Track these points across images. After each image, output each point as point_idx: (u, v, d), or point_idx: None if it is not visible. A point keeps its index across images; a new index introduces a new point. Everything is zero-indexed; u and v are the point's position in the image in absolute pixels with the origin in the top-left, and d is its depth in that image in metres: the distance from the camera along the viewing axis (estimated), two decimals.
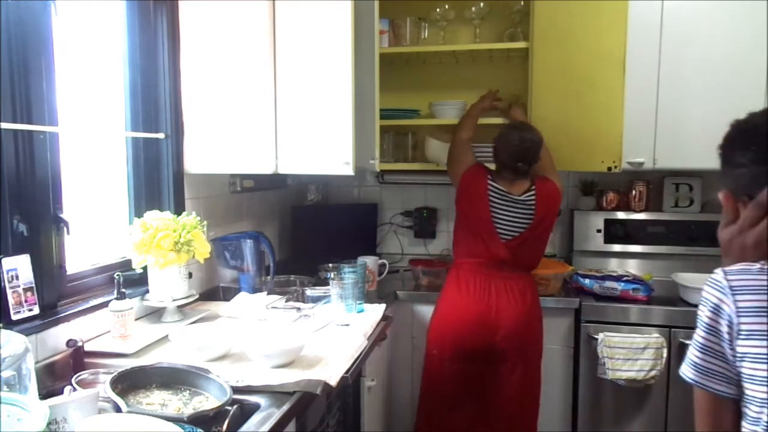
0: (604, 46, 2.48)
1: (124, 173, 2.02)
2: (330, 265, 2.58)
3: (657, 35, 2.58)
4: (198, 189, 2.27)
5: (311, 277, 2.56)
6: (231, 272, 2.34)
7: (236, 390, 1.37)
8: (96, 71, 1.87)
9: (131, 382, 1.35)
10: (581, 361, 2.49)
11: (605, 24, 2.48)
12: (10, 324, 1.41)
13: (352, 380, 1.66)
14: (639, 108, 2.61)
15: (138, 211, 1.99)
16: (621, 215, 2.94)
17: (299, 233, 3.12)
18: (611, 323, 2.45)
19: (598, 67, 2.50)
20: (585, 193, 3.03)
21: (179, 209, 2.10)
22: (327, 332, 1.88)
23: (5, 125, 1.43)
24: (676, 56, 2.58)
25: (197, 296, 1.99)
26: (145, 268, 1.88)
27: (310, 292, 2.22)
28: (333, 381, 1.50)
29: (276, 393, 1.41)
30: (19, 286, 1.45)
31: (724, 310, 0.96)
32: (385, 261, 2.78)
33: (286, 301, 2.19)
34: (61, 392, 1.24)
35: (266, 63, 2.17)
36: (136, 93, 2.00)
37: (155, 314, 1.93)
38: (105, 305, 1.70)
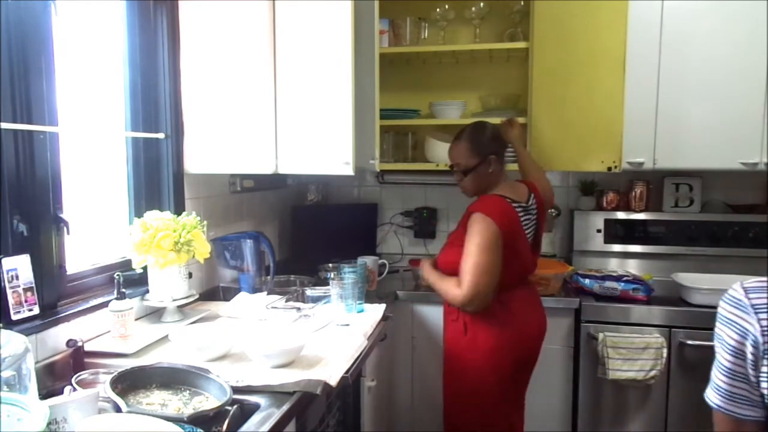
0: (604, 46, 2.48)
1: (124, 173, 2.02)
2: (330, 265, 2.58)
3: (657, 35, 2.58)
4: (198, 189, 2.27)
5: (311, 277, 2.56)
6: (231, 272, 2.34)
7: (236, 390, 1.37)
8: (96, 71, 1.87)
9: (131, 382, 1.35)
10: (581, 361, 2.49)
11: (605, 24, 2.48)
12: (10, 324, 1.41)
13: (352, 380, 1.66)
14: (639, 108, 2.61)
15: (138, 211, 1.99)
16: (621, 215, 2.94)
17: (299, 233, 3.12)
18: (611, 323, 2.45)
19: (598, 67, 2.50)
20: (585, 193, 3.03)
21: (179, 209, 2.10)
22: (327, 332, 1.88)
23: (5, 125, 1.43)
24: (676, 56, 2.58)
25: (197, 296, 1.99)
26: (145, 268, 1.88)
27: (310, 292, 2.22)
28: (333, 381, 1.50)
29: (276, 393, 1.41)
30: (19, 286, 1.45)
31: (749, 331, 0.92)
32: (385, 261, 2.78)
33: (286, 301, 2.20)
34: (61, 392, 1.24)
35: (266, 63, 2.17)
36: (136, 93, 2.00)
37: (155, 314, 1.94)
38: (105, 305, 1.70)
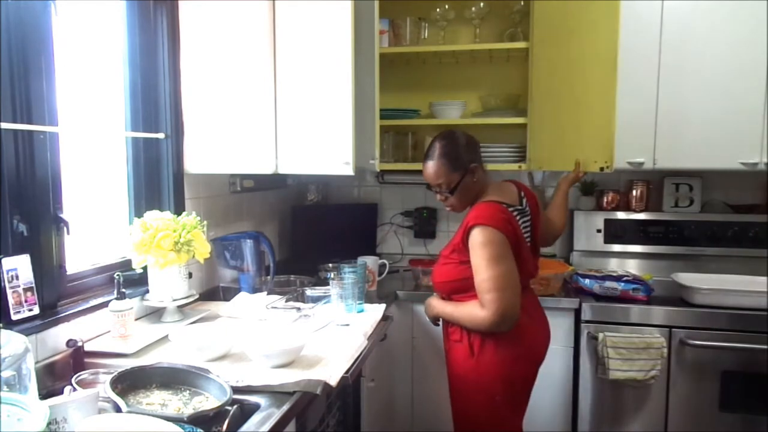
0: (597, 47, 2.46)
1: (124, 173, 2.02)
2: (330, 265, 2.58)
3: (657, 34, 2.58)
4: (198, 189, 2.27)
5: (311, 277, 2.56)
6: (231, 272, 2.34)
7: (236, 390, 1.37)
8: (96, 71, 1.87)
9: (131, 382, 1.35)
10: (581, 361, 2.49)
11: (600, 24, 2.46)
12: (10, 324, 1.41)
13: (352, 380, 1.65)
14: (638, 108, 2.61)
15: (138, 211, 1.99)
16: (621, 215, 2.94)
17: (299, 233, 3.12)
18: (611, 323, 2.44)
19: (593, 68, 2.48)
20: (585, 193, 3.03)
21: (179, 209, 2.10)
22: (327, 332, 1.88)
23: (5, 125, 1.43)
24: (676, 56, 2.58)
25: (197, 296, 1.99)
26: (145, 268, 1.88)
27: (310, 292, 2.22)
28: (333, 381, 1.50)
29: (276, 393, 1.41)
30: (19, 286, 1.45)
31: None
32: (385, 261, 2.78)
33: (286, 301, 2.20)
34: (61, 392, 1.24)
35: (266, 63, 2.18)
36: (136, 93, 2.00)
37: (155, 314, 1.94)
38: (105, 305, 1.70)
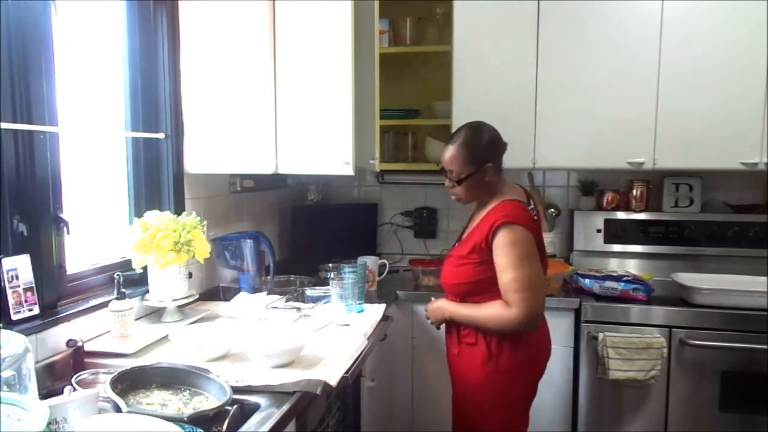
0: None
1: (124, 173, 2.02)
2: (330, 265, 2.58)
3: (657, 35, 2.58)
4: (198, 189, 2.27)
5: (311, 277, 2.56)
6: (231, 272, 2.34)
7: (236, 390, 1.37)
8: (96, 71, 1.87)
9: (131, 382, 1.35)
10: (581, 361, 2.49)
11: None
12: (10, 324, 1.41)
13: (352, 380, 1.65)
14: (639, 108, 2.61)
15: (138, 211, 1.99)
16: (621, 215, 2.94)
17: (299, 233, 3.12)
18: (611, 323, 2.44)
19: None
20: (585, 193, 3.03)
21: (179, 209, 2.10)
22: (327, 332, 1.88)
23: (5, 125, 1.43)
24: (676, 56, 2.57)
25: (197, 296, 1.99)
26: (145, 268, 1.88)
27: (310, 292, 2.22)
28: (333, 381, 1.50)
29: (276, 393, 1.41)
30: (19, 286, 1.45)
31: None
32: (385, 261, 2.78)
33: (286, 301, 2.20)
34: (61, 392, 1.24)
35: (266, 63, 2.17)
36: (136, 93, 2.00)
37: (155, 314, 1.93)
38: (105, 305, 1.70)
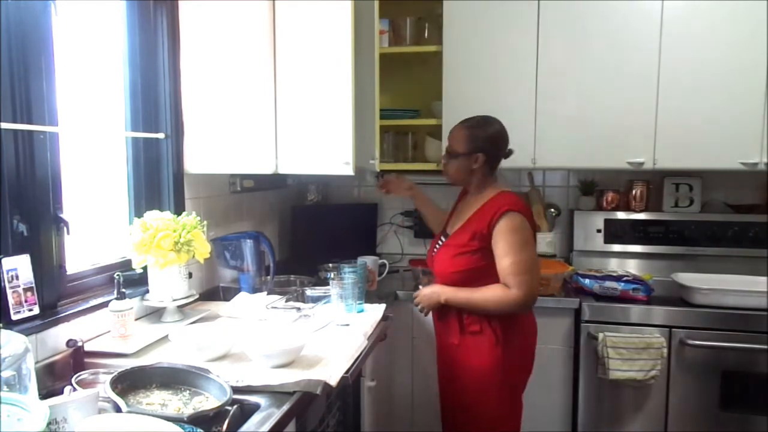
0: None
1: (124, 173, 2.02)
2: (330, 265, 2.58)
3: (657, 35, 2.58)
4: (198, 189, 2.27)
5: (311, 277, 2.56)
6: (231, 272, 2.34)
7: (236, 390, 1.37)
8: (96, 71, 1.87)
9: (131, 382, 1.35)
10: (581, 361, 2.49)
11: None
12: (10, 324, 1.41)
13: (352, 380, 1.65)
14: (639, 108, 2.61)
15: (138, 211, 1.99)
16: (621, 215, 2.94)
17: (299, 233, 3.12)
18: (611, 323, 2.45)
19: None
20: (585, 193, 3.03)
21: (179, 209, 2.10)
22: (327, 332, 1.88)
23: (5, 125, 1.43)
24: (676, 56, 2.57)
25: (197, 296, 1.99)
26: (145, 268, 1.88)
27: (310, 292, 2.22)
28: (333, 381, 1.50)
29: (276, 393, 1.41)
30: (19, 286, 1.45)
31: None
32: (385, 261, 2.78)
33: (286, 301, 2.19)
34: (61, 392, 1.24)
35: (266, 63, 2.17)
36: (136, 93, 2.00)
37: (155, 314, 1.93)
38: (105, 305, 1.70)
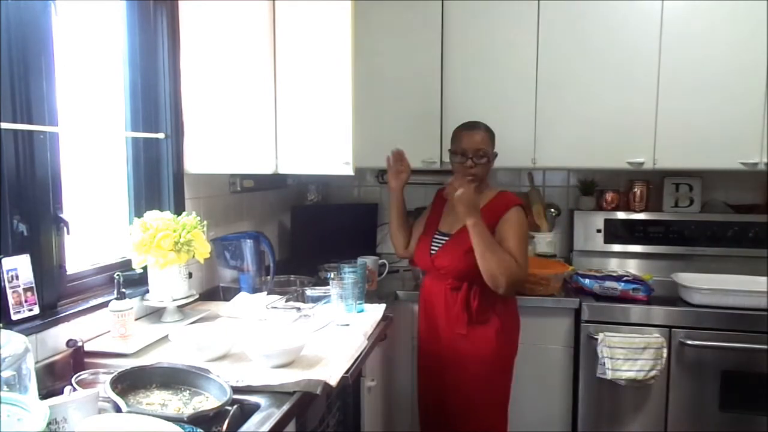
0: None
1: (124, 173, 2.02)
2: (330, 265, 2.58)
3: (657, 35, 2.58)
4: (198, 189, 2.27)
5: (311, 277, 2.56)
6: (231, 272, 2.34)
7: (236, 390, 1.37)
8: (96, 71, 1.87)
9: (131, 382, 1.35)
10: (581, 361, 2.49)
11: None
12: (10, 324, 1.41)
13: (352, 380, 1.65)
14: (639, 108, 2.61)
15: (138, 211, 1.99)
16: (621, 215, 2.94)
17: (299, 233, 3.12)
18: (611, 323, 2.44)
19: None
20: (585, 193, 3.03)
21: (179, 209, 2.10)
22: (327, 332, 1.88)
23: (5, 125, 1.43)
24: (676, 56, 2.58)
25: (197, 296, 1.99)
26: (145, 268, 1.88)
27: (310, 292, 2.22)
28: (333, 381, 1.50)
29: (276, 393, 1.41)
30: (19, 286, 1.45)
31: None
32: (385, 261, 2.78)
33: (286, 301, 2.19)
34: (61, 392, 1.24)
35: (266, 63, 2.17)
36: (136, 93, 2.00)
37: (155, 314, 1.93)
38: (105, 305, 1.70)
